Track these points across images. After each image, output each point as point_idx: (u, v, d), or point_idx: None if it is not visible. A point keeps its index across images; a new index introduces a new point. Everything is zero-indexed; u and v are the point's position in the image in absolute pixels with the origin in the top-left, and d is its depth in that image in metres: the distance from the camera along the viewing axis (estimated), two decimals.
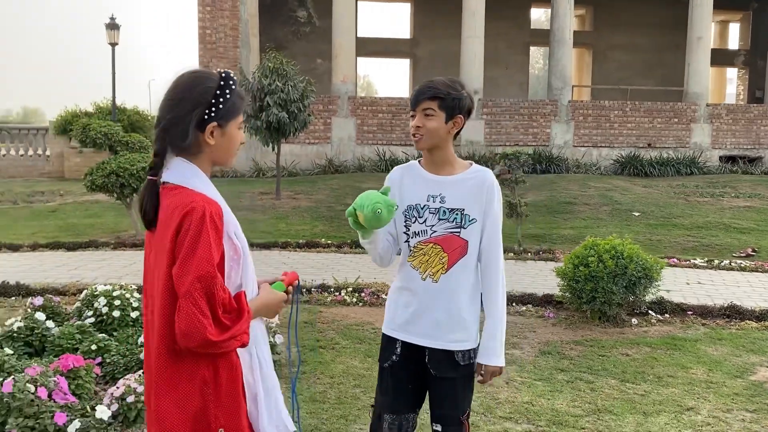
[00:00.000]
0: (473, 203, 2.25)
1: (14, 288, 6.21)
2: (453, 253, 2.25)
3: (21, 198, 13.22)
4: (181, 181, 1.76)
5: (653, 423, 3.67)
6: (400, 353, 2.32)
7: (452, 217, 2.25)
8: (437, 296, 2.26)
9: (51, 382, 3.59)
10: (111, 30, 16.66)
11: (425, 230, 2.27)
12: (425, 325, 2.28)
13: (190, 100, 1.75)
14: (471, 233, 2.26)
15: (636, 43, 23.75)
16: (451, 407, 2.30)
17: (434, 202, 2.26)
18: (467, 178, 2.28)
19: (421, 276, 2.27)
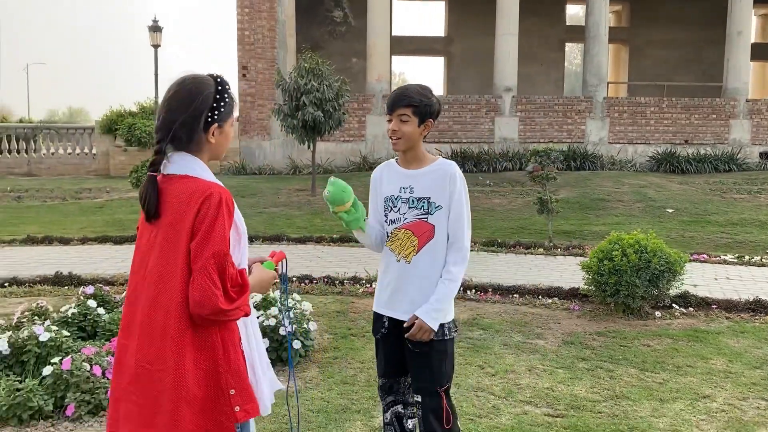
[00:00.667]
0: (438, 192, 2.56)
1: (67, 278, 6.62)
2: (422, 237, 2.56)
3: (69, 195, 13.83)
4: (190, 171, 1.97)
5: (669, 409, 3.82)
6: (387, 327, 2.65)
7: (420, 205, 2.57)
8: (410, 276, 2.57)
9: (104, 361, 3.92)
10: (154, 32, 17.23)
11: (399, 218, 2.60)
12: (403, 302, 2.59)
13: (196, 105, 1.96)
14: (438, 218, 2.56)
15: (674, 39, 23.43)
16: (427, 379, 2.57)
17: (405, 193, 2.59)
18: (433, 170, 2.60)
19: (396, 258, 2.60)
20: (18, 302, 5.86)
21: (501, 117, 17.84)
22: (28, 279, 6.67)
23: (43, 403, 3.61)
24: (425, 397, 2.58)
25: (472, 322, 5.48)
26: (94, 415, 3.65)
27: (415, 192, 2.59)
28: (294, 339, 4.39)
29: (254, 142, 17.39)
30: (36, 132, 18.60)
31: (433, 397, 2.57)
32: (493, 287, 6.41)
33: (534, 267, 7.76)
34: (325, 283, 6.60)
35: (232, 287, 1.89)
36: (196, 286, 1.84)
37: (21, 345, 4.01)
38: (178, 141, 1.98)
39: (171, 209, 1.93)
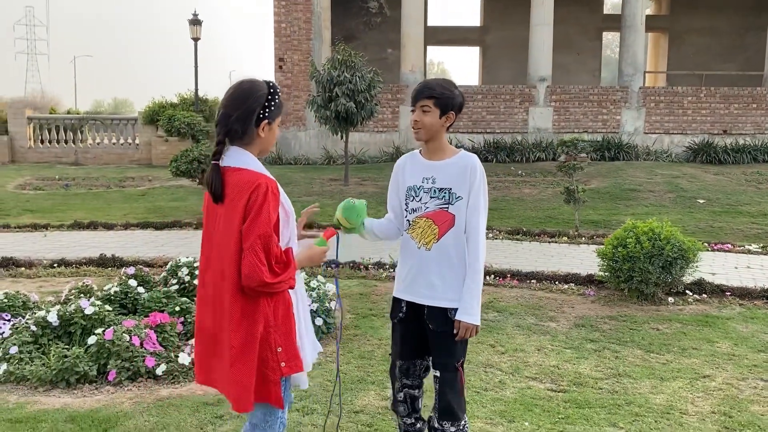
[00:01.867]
0: (459, 183, 2.68)
1: (110, 260, 7.08)
2: (443, 226, 2.68)
3: (113, 183, 14.45)
4: (243, 164, 2.28)
5: (667, 387, 4.01)
6: (405, 311, 2.79)
7: (441, 195, 2.68)
8: (431, 262, 2.69)
9: (143, 333, 4.30)
10: (193, 25, 17.73)
11: (420, 207, 2.71)
12: (423, 286, 2.72)
13: (252, 103, 2.28)
14: (458, 209, 2.67)
15: (715, 27, 22.96)
16: (447, 356, 2.74)
17: (427, 183, 2.71)
18: (454, 162, 2.72)
19: (417, 245, 2.72)
20: (66, 281, 6.33)
21: (535, 107, 17.85)
22: (75, 260, 7.15)
23: (88, 369, 4.00)
24: (444, 372, 2.74)
25: (488, 305, 5.72)
26: (132, 381, 4.02)
27: (437, 183, 2.70)
28: (316, 317, 4.70)
29: (290, 132, 17.79)
30: (82, 123, 19.38)
31: (451, 371, 2.74)
32: (512, 273, 6.62)
33: (556, 255, 7.93)
34: (350, 267, 6.91)
35: (276, 263, 2.21)
36: (246, 263, 2.18)
37: (68, 317, 4.42)
38: (234, 134, 2.29)
39: (228, 196, 2.26)
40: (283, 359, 2.27)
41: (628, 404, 3.76)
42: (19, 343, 4.26)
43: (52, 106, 25.53)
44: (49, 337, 4.37)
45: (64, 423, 3.46)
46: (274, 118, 2.34)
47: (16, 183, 14.30)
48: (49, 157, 18.76)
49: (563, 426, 3.48)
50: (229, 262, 2.24)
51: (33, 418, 3.51)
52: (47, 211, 11.06)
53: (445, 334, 2.71)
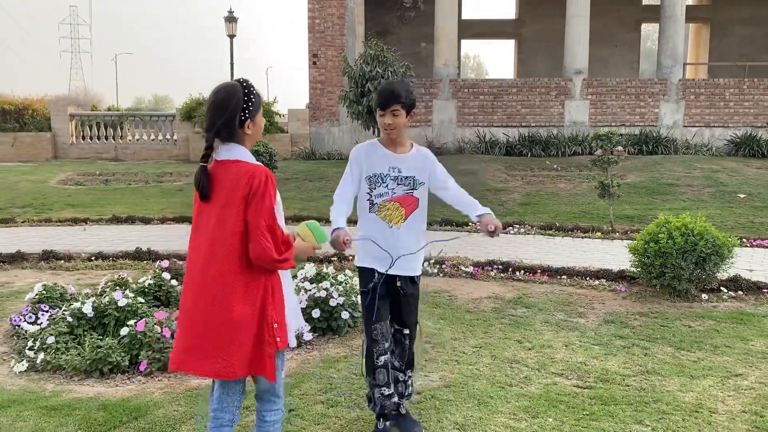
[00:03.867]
0: (421, 171, 3.24)
1: (146, 253, 7.25)
2: (408, 207, 3.22)
3: (152, 178, 14.75)
4: (239, 157, 2.48)
5: (697, 385, 3.94)
6: (377, 280, 3.20)
7: (407, 182, 3.21)
8: (400, 238, 3.20)
9: (173, 325, 4.40)
10: (229, 23, 17.95)
11: (387, 192, 3.20)
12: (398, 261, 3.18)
13: (232, 108, 2.47)
14: (421, 192, 3.24)
15: (761, 16, 22.26)
16: (414, 315, 3.36)
17: (393, 172, 3.21)
18: (415, 155, 3.26)
19: (388, 225, 3.19)
20: (102, 274, 6.51)
21: (571, 100, 17.60)
22: (112, 254, 7.34)
23: (120, 359, 4.12)
24: (412, 330, 3.34)
25: (516, 301, 5.69)
26: (163, 371, 4.13)
27: (403, 172, 3.22)
28: (342, 310, 4.74)
29: (323, 128, 17.90)
30: (122, 119, 19.82)
31: (415, 327, 3.37)
32: (542, 268, 6.56)
33: (588, 250, 7.83)
34: None
35: (282, 242, 2.44)
36: (255, 245, 2.38)
37: (103, 309, 4.55)
38: (222, 137, 2.50)
39: (226, 186, 2.43)
40: (278, 334, 2.47)
41: (656, 402, 3.71)
42: (56, 334, 4.40)
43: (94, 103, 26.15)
44: (85, 327, 4.51)
45: (97, 411, 3.57)
46: (255, 114, 2.53)
47: (59, 178, 14.72)
48: (90, 153, 19.24)
49: (587, 422, 3.45)
50: (227, 246, 2.41)
51: (67, 406, 3.64)
52: (87, 206, 11.36)
53: (413, 296, 3.32)
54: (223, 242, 2.41)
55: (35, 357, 4.28)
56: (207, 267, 2.45)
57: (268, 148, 10.06)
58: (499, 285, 6.25)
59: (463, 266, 6.62)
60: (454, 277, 6.49)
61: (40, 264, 7.06)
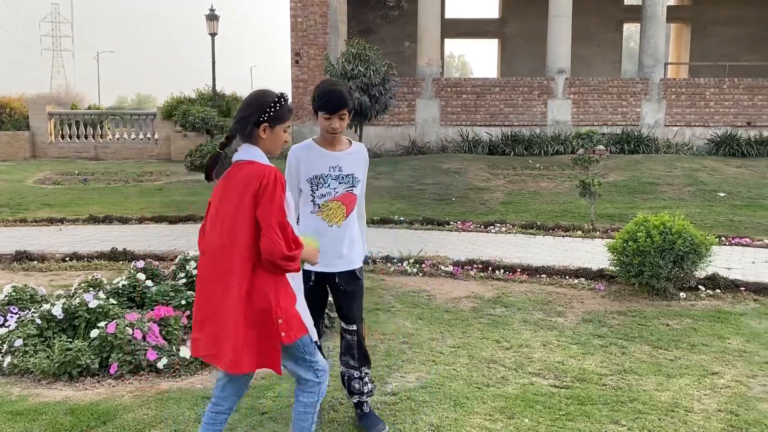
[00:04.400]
0: (359, 169, 3.24)
1: (122, 254, 7.14)
2: (349, 205, 3.23)
3: (132, 177, 14.58)
4: (254, 158, 2.60)
5: (673, 383, 3.92)
6: (314, 280, 3.23)
7: (348, 180, 3.21)
8: (342, 236, 3.22)
9: (145, 326, 4.32)
10: (210, 21, 17.79)
11: (330, 192, 3.19)
12: (334, 257, 3.22)
13: (254, 106, 2.63)
14: (359, 190, 3.27)
15: (741, 17, 22.49)
16: (358, 310, 3.36)
17: (334, 171, 3.19)
18: (353, 152, 3.26)
19: (329, 224, 3.20)
20: (77, 275, 6.39)
21: (553, 99, 17.65)
22: (87, 254, 7.22)
23: (90, 362, 4.03)
24: (359, 324, 3.36)
25: (496, 300, 5.66)
26: (134, 374, 4.04)
27: (343, 170, 3.22)
28: None
29: (306, 127, 17.80)
30: (102, 118, 19.59)
31: (360, 322, 3.37)
32: (522, 267, 6.54)
33: (569, 249, 7.83)
34: None
35: (292, 240, 2.53)
36: (266, 240, 2.48)
37: (73, 311, 4.45)
38: (240, 131, 2.65)
39: (240, 185, 2.55)
40: (284, 329, 2.56)
41: (632, 401, 3.69)
42: (24, 336, 4.30)
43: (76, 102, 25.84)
44: (54, 330, 4.40)
45: (64, 416, 3.49)
46: (275, 123, 2.63)
47: (36, 178, 14.50)
48: (70, 152, 19.00)
49: (563, 423, 3.42)
50: (238, 242, 2.52)
51: (34, 411, 3.54)
52: (65, 206, 11.19)
53: (354, 292, 3.31)
54: (234, 239, 2.54)
55: (2, 360, 4.17)
56: (219, 262, 2.58)
57: None
58: (479, 284, 6.22)
59: (442, 265, 6.59)
60: (434, 276, 6.45)
61: (12, 265, 6.92)
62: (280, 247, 2.46)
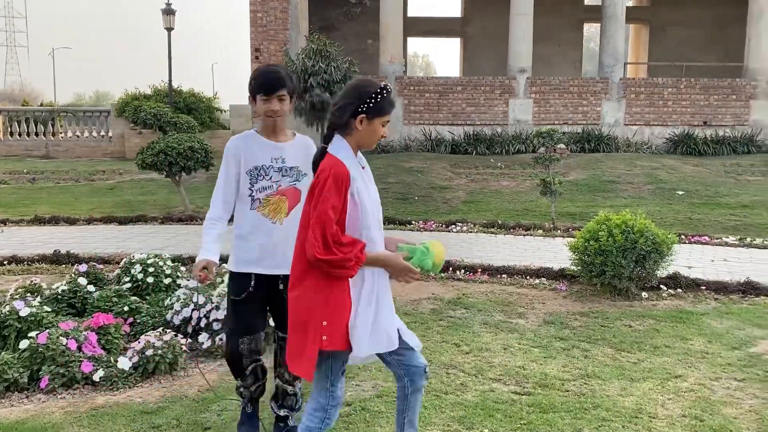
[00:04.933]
0: (304, 162, 2.94)
1: (65, 257, 6.77)
2: (292, 201, 2.94)
3: (83, 176, 14.06)
4: (333, 150, 2.49)
5: (637, 388, 3.80)
6: (254, 284, 2.93)
7: (292, 173, 2.95)
8: (285, 235, 2.89)
9: (81, 336, 4.02)
10: (167, 15, 17.31)
11: (271, 185, 2.92)
12: (278, 258, 2.90)
13: (353, 96, 2.48)
14: (303, 185, 2.93)
15: (697, 18, 22.86)
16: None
17: (277, 163, 2.93)
18: (298, 143, 3.00)
19: (272, 221, 2.92)
20: (14, 279, 6.01)
21: (515, 99, 17.65)
22: (28, 257, 6.83)
23: (18, 376, 3.71)
24: None
25: (456, 302, 5.49)
26: (67, 388, 3.75)
27: (287, 162, 2.95)
28: None
29: None
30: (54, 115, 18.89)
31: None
32: (482, 267, 6.40)
33: (530, 248, 7.73)
34: None
35: (334, 243, 2.36)
36: (308, 239, 2.41)
37: (2, 320, 4.13)
38: (337, 120, 2.51)
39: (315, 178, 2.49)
40: (326, 333, 2.41)
41: (595, 408, 3.55)
42: None
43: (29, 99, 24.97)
44: None
45: None
46: (374, 115, 2.46)
47: None
48: (19, 150, 18.28)
49: None
50: (301, 237, 2.48)
51: None
52: (10, 206, 10.68)
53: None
54: (300, 231, 2.51)
55: None
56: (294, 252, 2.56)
57: (203, 145, 9.62)
58: (439, 285, 6.06)
59: None
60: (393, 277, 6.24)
61: None
62: (313, 249, 2.35)
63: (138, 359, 3.93)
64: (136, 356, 3.94)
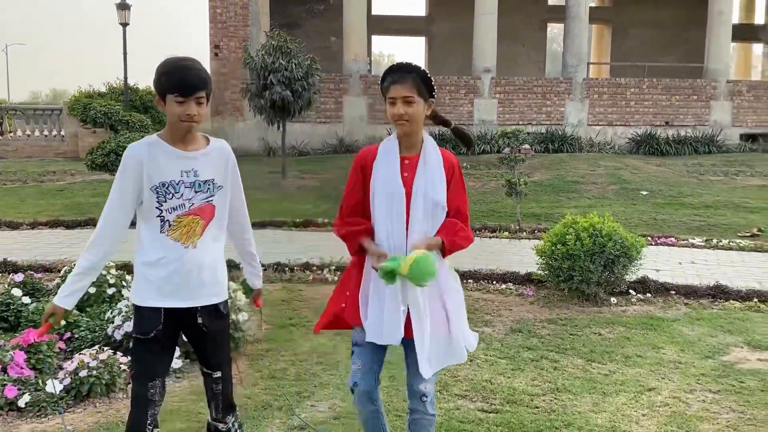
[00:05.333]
0: (220, 173, 2.48)
1: (1, 265, 6.31)
2: (206, 219, 2.47)
3: (32, 177, 13.42)
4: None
5: (610, 403, 3.60)
6: (164, 321, 2.44)
7: (206, 188, 2.45)
8: (200, 260, 2.44)
9: (7, 356, 3.64)
10: (122, 10, 16.72)
11: (183, 204, 2.42)
12: (193, 287, 2.44)
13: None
14: (219, 199, 2.49)
15: (658, 19, 23.11)
16: (223, 353, 2.60)
17: (189, 177, 2.42)
18: (211, 151, 2.48)
19: (184, 245, 2.42)
20: None
21: (480, 98, 17.54)
22: None
23: None
24: (225, 369, 2.60)
25: None
26: None
27: (200, 175, 2.44)
28: None
29: (227, 123, 16.99)
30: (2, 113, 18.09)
31: (228, 367, 2.62)
32: None
33: (496, 251, 7.53)
34: (274, 270, 6.32)
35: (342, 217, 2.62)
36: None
37: None
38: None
39: None
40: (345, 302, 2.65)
41: (567, 426, 3.33)
42: None
43: None
44: None
45: None
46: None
47: None
48: None
49: None
50: None
51: None
52: None
53: (220, 331, 2.56)
54: None
55: None
56: None
57: None
58: None
59: None
60: None
61: None
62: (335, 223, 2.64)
63: (70, 381, 3.57)
64: (68, 378, 3.58)
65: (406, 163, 2.57)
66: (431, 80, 2.59)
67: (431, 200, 2.54)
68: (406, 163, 2.57)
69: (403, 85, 2.53)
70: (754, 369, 4.04)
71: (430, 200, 2.53)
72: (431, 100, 2.58)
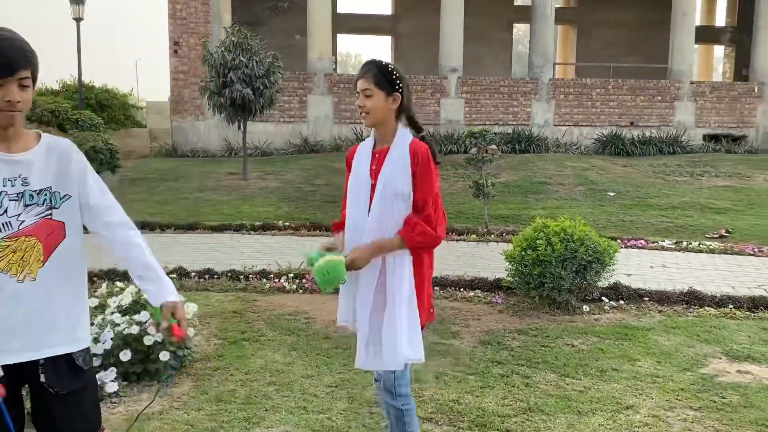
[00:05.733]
0: (61, 178, 1.93)
1: None
2: (48, 241, 1.90)
3: None
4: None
5: (586, 424, 3.34)
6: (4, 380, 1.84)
7: (41, 200, 1.90)
8: (44, 296, 1.89)
9: None
10: (75, 4, 16.05)
11: (9, 222, 1.86)
12: (36, 334, 1.88)
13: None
14: (67, 213, 1.93)
15: (622, 20, 23.25)
16: (83, 422, 1.95)
17: (14, 186, 1.88)
18: (47, 151, 1.93)
19: (17, 279, 1.86)
20: None
21: (446, 98, 17.33)
22: None
23: None
24: None
25: None
26: None
27: (31, 183, 1.89)
28: (162, 350, 3.74)
29: (187, 122, 16.46)
30: None
31: None
32: None
33: (463, 255, 7.27)
34: (228, 278, 5.95)
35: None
36: None
37: None
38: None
39: None
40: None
41: None
42: None
43: None
44: None
45: None
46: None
47: None
48: None
49: None
50: None
51: None
52: None
53: (77, 393, 1.92)
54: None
55: None
56: None
57: (109, 145, 8.71)
58: None
59: None
60: (315, 293, 5.63)
61: None
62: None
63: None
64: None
65: (377, 156, 2.58)
66: (392, 73, 2.50)
67: (390, 191, 2.50)
68: (376, 156, 2.57)
69: (362, 78, 2.52)
70: (735, 383, 3.83)
71: (389, 191, 2.50)
72: (396, 94, 2.52)
